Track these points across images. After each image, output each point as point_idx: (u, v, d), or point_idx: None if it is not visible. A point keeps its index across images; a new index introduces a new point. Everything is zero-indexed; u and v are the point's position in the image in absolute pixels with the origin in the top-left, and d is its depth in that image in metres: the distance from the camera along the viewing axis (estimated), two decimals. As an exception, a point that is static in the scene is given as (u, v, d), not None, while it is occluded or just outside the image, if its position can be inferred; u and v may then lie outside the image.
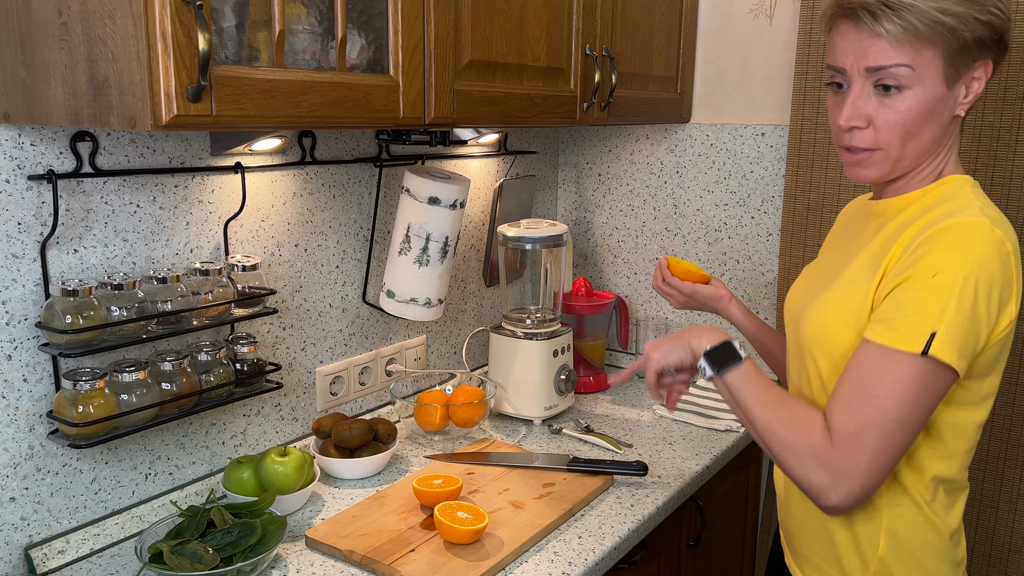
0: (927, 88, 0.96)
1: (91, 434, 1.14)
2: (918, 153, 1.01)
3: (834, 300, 1.04)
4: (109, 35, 0.90)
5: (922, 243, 0.94)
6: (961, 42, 0.94)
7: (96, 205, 1.19)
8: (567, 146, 2.22)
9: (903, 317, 0.93)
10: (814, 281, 1.15)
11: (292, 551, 1.24)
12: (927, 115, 0.97)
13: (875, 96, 0.98)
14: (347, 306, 1.63)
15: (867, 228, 1.10)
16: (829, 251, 1.22)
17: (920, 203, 1.03)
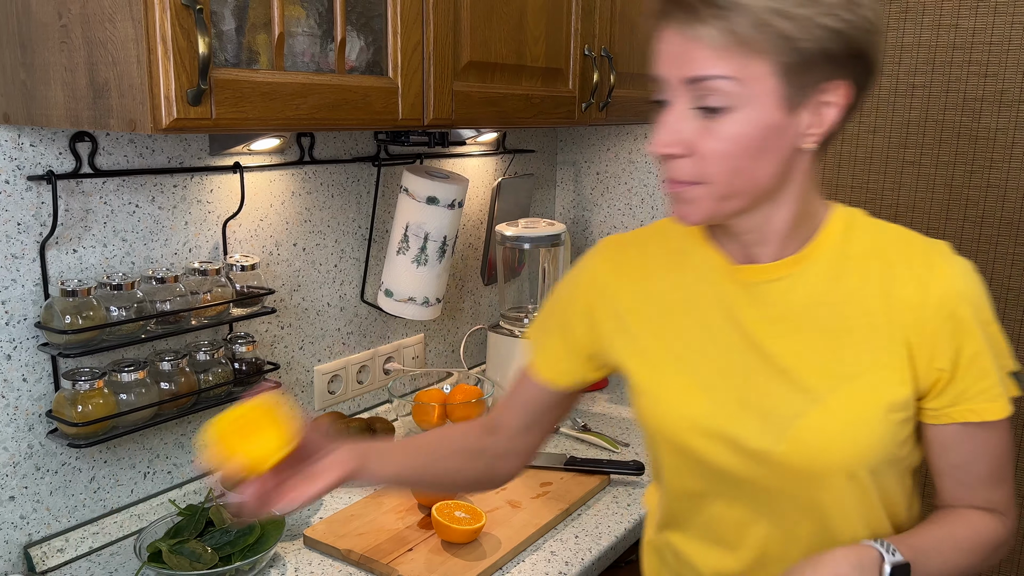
0: (759, 110, 0.76)
1: (90, 433, 1.15)
2: (750, 193, 0.81)
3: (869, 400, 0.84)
4: (109, 38, 0.90)
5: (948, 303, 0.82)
6: (801, 54, 0.74)
7: (95, 205, 1.19)
8: (565, 145, 2.22)
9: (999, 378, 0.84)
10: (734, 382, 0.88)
11: (290, 550, 1.25)
12: (760, 145, 0.77)
13: (698, 119, 0.78)
14: (345, 305, 1.63)
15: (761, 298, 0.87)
16: (699, 342, 0.90)
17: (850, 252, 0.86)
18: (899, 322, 0.83)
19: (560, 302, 1.03)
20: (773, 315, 0.87)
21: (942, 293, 0.82)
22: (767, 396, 0.86)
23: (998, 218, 1.64)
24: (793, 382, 0.85)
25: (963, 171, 1.66)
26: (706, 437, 0.89)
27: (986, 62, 1.61)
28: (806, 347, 0.86)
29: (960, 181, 1.67)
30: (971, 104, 1.63)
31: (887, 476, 0.87)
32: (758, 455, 0.86)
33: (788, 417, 0.85)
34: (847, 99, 0.79)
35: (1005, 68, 1.59)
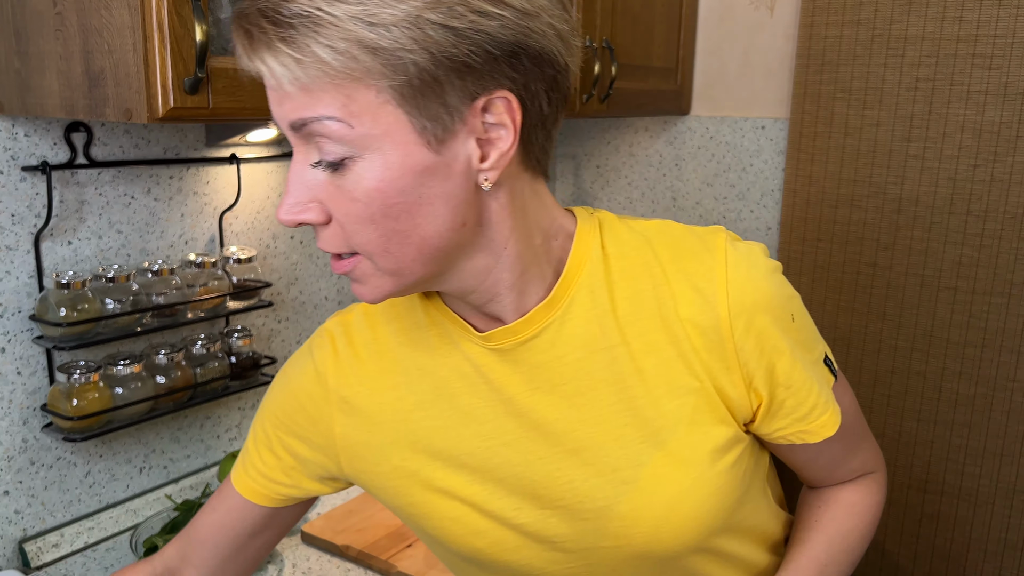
0: (390, 153, 0.57)
1: (85, 428, 1.13)
2: (426, 256, 0.61)
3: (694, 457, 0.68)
4: (105, 26, 0.88)
5: (742, 314, 0.67)
6: (415, 72, 0.55)
7: (90, 196, 1.18)
8: (565, 137, 2.21)
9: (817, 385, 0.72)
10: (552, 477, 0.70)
11: (288, 546, 1.24)
12: (409, 198, 0.58)
13: (326, 176, 0.59)
14: (343, 299, 1.62)
15: (526, 361, 0.69)
16: (479, 436, 0.71)
17: (612, 276, 0.69)
18: (692, 350, 0.67)
19: (264, 417, 0.80)
20: (544, 381, 0.69)
21: (732, 306, 0.66)
22: (567, 488, 0.69)
23: (1002, 212, 1.63)
24: (592, 464, 0.69)
25: (967, 165, 1.65)
26: (512, 552, 0.72)
27: (991, 55, 1.59)
28: (593, 412, 0.68)
29: (964, 175, 1.65)
30: (975, 97, 1.61)
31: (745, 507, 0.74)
32: (585, 554, 0.71)
33: (600, 509, 0.69)
34: (517, 113, 0.59)
35: (1010, 61, 1.57)
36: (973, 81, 1.62)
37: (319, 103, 0.56)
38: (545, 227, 0.68)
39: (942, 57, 1.64)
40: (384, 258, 0.61)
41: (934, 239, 1.70)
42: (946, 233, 1.69)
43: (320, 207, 0.60)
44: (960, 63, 1.62)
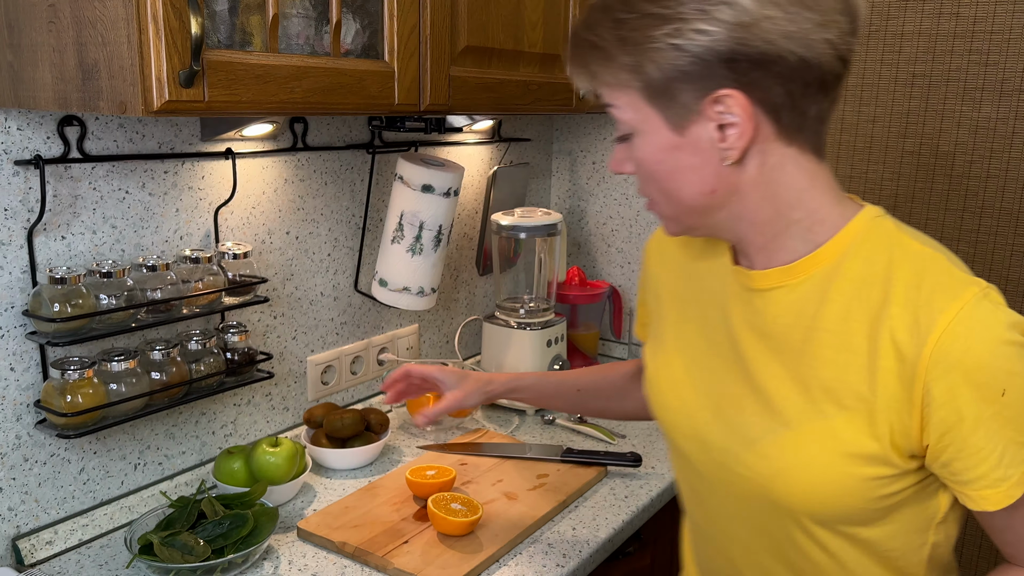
0: (651, 135, 0.76)
1: (79, 424, 1.13)
2: (693, 210, 0.79)
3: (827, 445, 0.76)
4: (99, 17, 0.87)
5: (942, 365, 0.70)
6: (651, 81, 0.73)
7: (84, 191, 1.17)
8: (561, 134, 2.20)
9: (1001, 462, 0.72)
10: (729, 398, 0.85)
11: (284, 542, 1.23)
12: (671, 166, 0.77)
13: (623, 143, 0.81)
14: (339, 295, 1.61)
15: (763, 310, 0.82)
16: (691, 331, 0.91)
17: (847, 272, 0.77)
18: (884, 369, 0.72)
19: (640, 277, 1.08)
20: (759, 326, 0.83)
21: (936, 352, 0.70)
22: (739, 411, 0.83)
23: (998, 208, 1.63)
24: (764, 402, 0.81)
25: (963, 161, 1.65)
26: (684, 437, 0.90)
27: (987, 51, 1.59)
28: (781, 369, 0.80)
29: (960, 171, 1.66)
30: (972, 93, 1.62)
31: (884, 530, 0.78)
32: (721, 464, 0.85)
33: (752, 437, 0.81)
34: (746, 106, 0.72)
35: (1006, 57, 1.57)
36: (969, 77, 1.62)
37: (607, 95, 0.79)
38: (810, 209, 0.78)
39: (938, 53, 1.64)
40: (661, 208, 0.82)
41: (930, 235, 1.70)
42: (942, 229, 1.69)
43: (628, 163, 0.81)
44: (957, 59, 1.62)
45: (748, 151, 0.75)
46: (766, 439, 0.80)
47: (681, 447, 0.91)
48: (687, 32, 0.70)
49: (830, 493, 0.76)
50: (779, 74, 0.71)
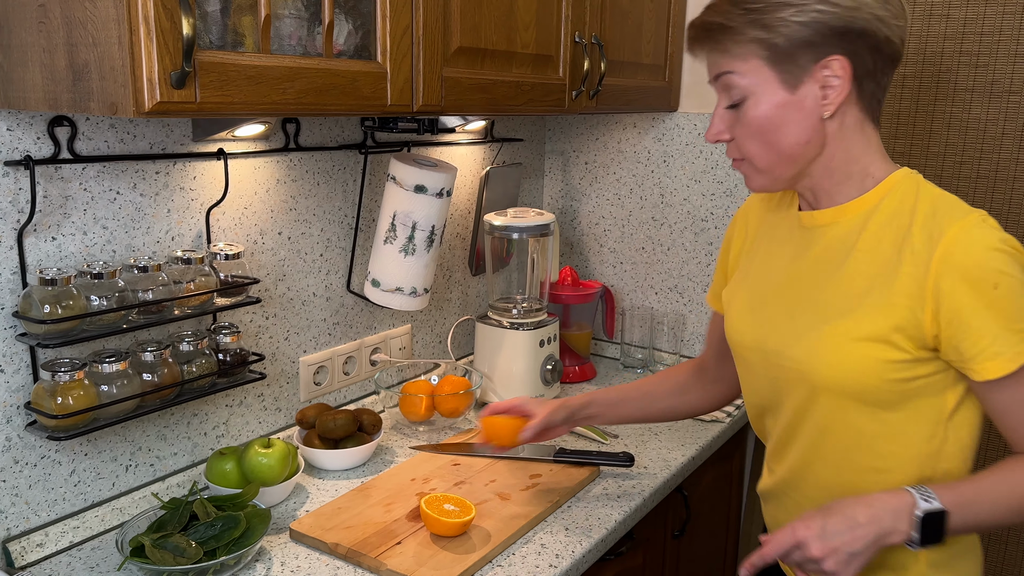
0: (766, 95, 0.96)
1: (70, 426, 1.12)
2: (789, 159, 0.99)
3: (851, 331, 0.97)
4: (89, 18, 0.87)
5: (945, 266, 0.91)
6: (778, 48, 0.94)
7: (75, 192, 1.16)
8: (554, 134, 2.20)
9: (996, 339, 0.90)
10: (769, 304, 1.09)
11: (276, 544, 1.23)
12: (778, 121, 0.96)
13: (731, 112, 1.00)
14: (331, 295, 1.61)
15: (816, 242, 1.05)
16: (758, 267, 1.14)
17: (883, 209, 0.99)
18: (902, 275, 0.94)
19: (724, 240, 1.27)
20: (810, 255, 1.05)
21: (943, 258, 0.92)
22: (790, 318, 1.05)
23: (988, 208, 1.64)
24: (809, 309, 1.03)
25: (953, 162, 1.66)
26: (749, 349, 1.11)
27: (976, 52, 1.60)
28: (825, 282, 1.02)
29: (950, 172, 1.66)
30: (962, 95, 1.62)
31: (901, 415, 0.98)
32: (775, 363, 1.06)
33: (798, 336, 1.03)
34: (847, 70, 0.94)
35: (996, 59, 1.58)
36: (960, 79, 1.63)
37: (727, 64, 0.97)
38: (864, 164, 1.00)
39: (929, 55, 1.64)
40: (760, 160, 1.00)
41: (921, 236, 1.70)
42: (932, 230, 1.69)
43: (728, 131, 1.01)
44: (947, 61, 1.63)
45: (837, 110, 0.96)
46: (809, 335, 1.01)
47: (747, 359, 1.12)
48: (809, 11, 0.92)
49: (854, 370, 0.97)
50: (872, 47, 0.94)
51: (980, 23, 1.59)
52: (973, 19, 1.60)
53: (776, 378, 1.07)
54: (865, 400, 0.98)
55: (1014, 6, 1.56)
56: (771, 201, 1.17)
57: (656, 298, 2.11)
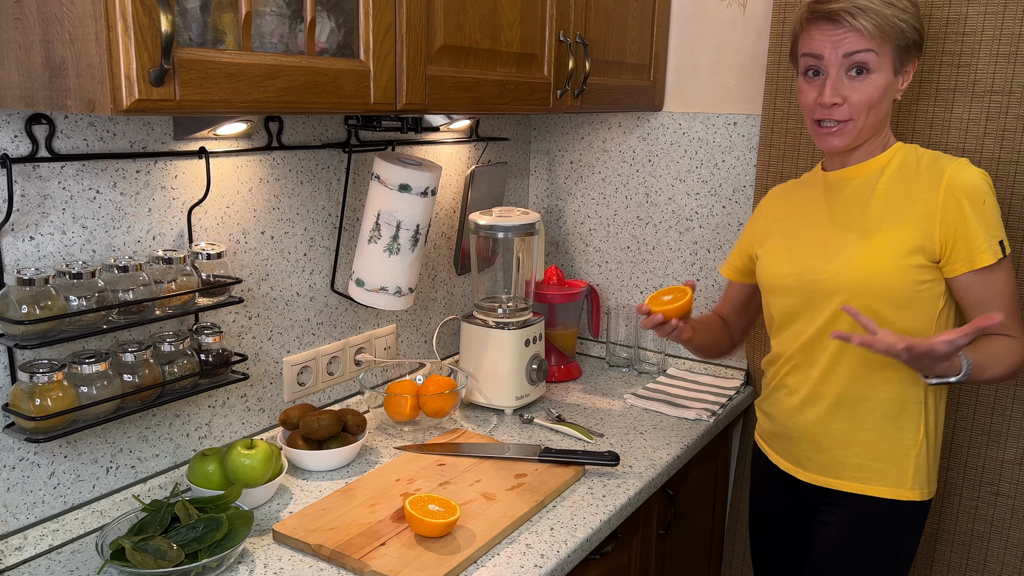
0: (884, 73, 1.28)
1: (49, 428, 1.11)
2: (874, 125, 1.31)
3: (880, 244, 1.30)
4: (66, 14, 0.86)
5: (951, 189, 1.27)
6: (907, 41, 1.28)
7: (53, 191, 1.15)
8: (539, 133, 2.20)
9: (987, 239, 1.26)
10: (805, 245, 1.40)
11: (259, 546, 1.22)
12: (883, 95, 1.29)
13: (847, 79, 1.28)
14: (315, 295, 1.60)
15: (843, 192, 1.38)
16: (792, 226, 1.45)
17: (894, 163, 1.35)
18: (920, 201, 1.29)
19: (746, 225, 1.61)
20: (838, 202, 1.38)
21: (948, 184, 1.28)
22: (824, 246, 1.37)
23: (969, 208, 1.65)
24: (840, 237, 1.35)
25: (935, 161, 1.67)
26: (787, 277, 1.41)
27: (959, 52, 1.61)
28: (858, 216, 1.34)
29: (933, 171, 1.67)
30: (944, 94, 1.63)
31: (911, 315, 1.30)
32: (811, 280, 1.36)
33: (836, 252, 1.35)
34: (915, 68, 1.33)
35: (978, 59, 1.59)
36: (942, 79, 1.63)
37: (870, 43, 1.26)
38: (886, 134, 1.37)
39: (911, 54, 1.65)
40: (863, 121, 1.30)
41: (904, 234, 1.71)
42: (915, 228, 1.70)
43: (841, 96, 1.29)
44: (929, 60, 1.64)
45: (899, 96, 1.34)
46: (845, 252, 1.33)
47: (784, 285, 1.41)
48: (918, 24, 1.29)
49: (889, 273, 1.29)
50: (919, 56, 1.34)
51: (962, 23, 1.60)
52: (955, 19, 1.60)
53: (812, 291, 1.36)
54: (889, 298, 1.29)
55: (995, 6, 1.56)
56: (789, 190, 1.52)
57: (641, 297, 2.11)
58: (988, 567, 1.77)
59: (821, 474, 1.42)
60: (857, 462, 1.38)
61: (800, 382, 1.42)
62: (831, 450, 1.40)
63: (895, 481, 1.36)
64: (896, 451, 1.36)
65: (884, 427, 1.36)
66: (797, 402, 1.43)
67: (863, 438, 1.37)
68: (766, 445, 1.55)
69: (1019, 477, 1.71)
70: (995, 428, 1.72)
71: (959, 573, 1.81)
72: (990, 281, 1.29)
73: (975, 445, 1.74)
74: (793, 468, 1.47)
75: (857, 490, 1.39)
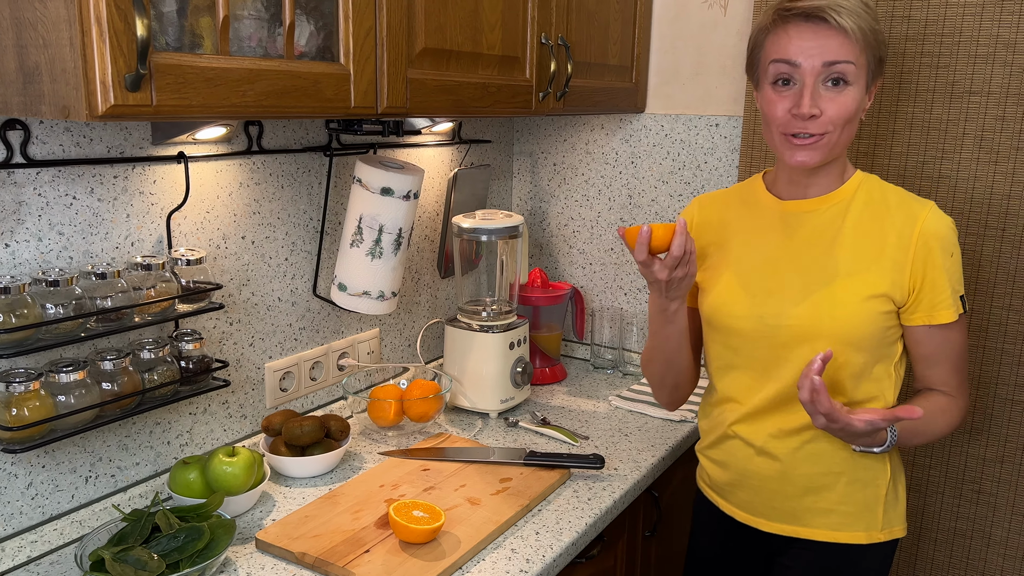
0: (860, 87, 1.17)
1: (26, 438, 1.09)
2: (846, 142, 1.21)
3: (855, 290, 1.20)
4: (39, 19, 0.84)
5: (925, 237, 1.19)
6: (881, 54, 1.19)
7: (29, 197, 1.13)
8: (522, 135, 2.20)
9: (951, 295, 1.19)
10: (777, 284, 1.25)
11: (242, 554, 1.20)
12: (856, 111, 1.18)
13: (824, 90, 1.16)
14: (297, 299, 1.59)
15: (803, 224, 1.26)
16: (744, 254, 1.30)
17: (859, 197, 1.24)
18: (889, 245, 1.20)
19: None
20: (804, 235, 1.25)
21: (921, 231, 1.19)
22: (785, 287, 1.24)
23: (949, 208, 1.66)
24: (804, 279, 1.23)
25: (915, 162, 1.68)
26: (741, 318, 1.27)
27: (937, 53, 1.62)
28: (824, 257, 1.23)
29: (912, 172, 1.68)
30: (923, 96, 1.64)
31: (873, 360, 1.22)
32: (774, 326, 1.24)
33: (801, 295, 1.23)
34: (877, 89, 1.23)
35: (956, 60, 1.60)
36: (921, 80, 1.65)
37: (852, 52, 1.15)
38: (844, 159, 1.26)
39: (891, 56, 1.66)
40: (836, 137, 1.18)
41: (885, 235, 1.72)
42: (896, 229, 1.71)
43: (819, 108, 1.16)
44: (908, 62, 1.65)
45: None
46: (813, 296, 1.22)
47: (740, 328, 1.27)
48: (885, 39, 1.20)
49: (858, 321, 1.19)
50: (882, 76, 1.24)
51: (940, 25, 1.61)
52: (934, 21, 1.62)
53: (774, 337, 1.24)
54: (858, 345, 1.20)
55: (974, 8, 1.58)
56: (730, 200, 1.36)
57: (625, 299, 2.12)
58: (971, 564, 1.79)
59: (786, 523, 1.31)
60: (826, 507, 1.27)
61: (759, 431, 1.29)
62: (797, 498, 1.28)
63: (866, 524, 1.27)
64: (866, 493, 1.26)
65: (853, 469, 1.25)
66: (756, 451, 1.30)
67: (831, 483, 1.26)
68: (717, 496, 1.40)
69: (1001, 475, 1.72)
70: (976, 426, 1.73)
71: (942, 571, 1.82)
72: (944, 338, 1.21)
73: (956, 443, 1.76)
74: (753, 519, 1.34)
75: (827, 538, 1.28)
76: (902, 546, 1.85)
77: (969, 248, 1.66)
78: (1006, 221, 1.63)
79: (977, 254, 1.66)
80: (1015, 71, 1.57)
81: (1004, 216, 1.63)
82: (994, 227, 1.64)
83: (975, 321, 1.68)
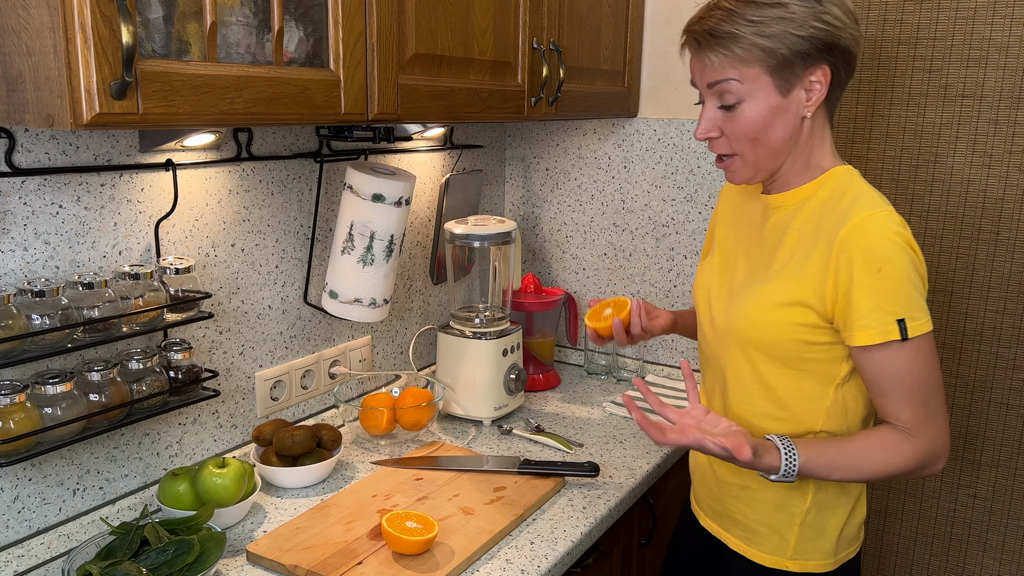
0: (761, 99, 1.08)
1: (12, 451, 1.07)
2: (774, 154, 1.12)
3: (769, 295, 1.13)
4: (23, 26, 0.83)
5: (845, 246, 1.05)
6: (781, 58, 1.05)
7: (14, 206, 1.11)
8: (514, 140, 2.19)
9: (871, 314, 1.04)
10: (726, 271, 1.25)
11: (232, 567, 1.19)
12: (769, 121, 1.09)
13: (721, 111, 1.11)
14: (287, 307, 1.57)
15: (768, 220, 1.19)
16: (728, 241, 1.28)
17: (819, 195, 1.13)
18: (816, 251, 1.09)
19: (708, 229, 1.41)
20: (767, 230, 1.19)
21: (844, 237, 1.05)
22: (734, 280, 1.22)
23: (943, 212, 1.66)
24: (748, 276, 1.19)
25: (909, 166, 1.68)
26: (706, 306, 1.26)
27: (930, 57, 1.62)
28: (767, 254, 1.17)
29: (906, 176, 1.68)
30: (916, 99, 1.64)
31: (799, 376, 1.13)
32: (714, 319, 1.22)
33: (734, 296, 1.19)
34: (828, 77, 1.07)
35: (948, 64, 1.60)
36: (914, 83, 1.64)
37: (728, 72, 1.07)
38: (819, 158, 1.15)
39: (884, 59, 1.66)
40: (749, 155, 1.12)
41: (878, 239, 1.72)
42: (890, 233, 1.71)
43: (716, 130, 1.12)
44: (901, 65, 1.65)
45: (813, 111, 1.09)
46: (741, 295, 1.17)
47: (703, 316, 1.27)
48: (808, 27, 1.04)
49: (765, 327, 1.13)
50: (846, 60, 1.09)
51: (933, 28, 1.61)
52: (926, 24, 1.61)
53: (716, 329, 1.23)
54: (770, 353, 1.14)
55: (966, 12, 1.58)
56: (747, 190, 1.29)
57: (619, 304, 2.10)
58: (967, 569, 1.78)
59: (718, 523, 1.29)
60: (741, 519, 1.23)
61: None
62: (724, 500, 1.26)
63: (773, 548, 1.20)
64: (778, 517, 1.19)
65: (767, 487, 1.19)
66: None
67: (748, 496, 1.21)
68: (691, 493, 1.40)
69: (996, 480, 1.72)
70: (971, 431, 1.73)
71: None
72: (881, 363, 1.06)
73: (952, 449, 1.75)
74: (700, 513, 1.34)
75: (740, 550, 1.24)
76: (899, 551, 1.85)
77: (963, 252, 1.66)
78: (1000, 224, 1.63)
79: (971, 258, 1.66)
80: (1008, 75, 1.57)
81: (998, 219, 1.63)
82: (988, 230, 1.63)
83: (970, 325, 1.68)
